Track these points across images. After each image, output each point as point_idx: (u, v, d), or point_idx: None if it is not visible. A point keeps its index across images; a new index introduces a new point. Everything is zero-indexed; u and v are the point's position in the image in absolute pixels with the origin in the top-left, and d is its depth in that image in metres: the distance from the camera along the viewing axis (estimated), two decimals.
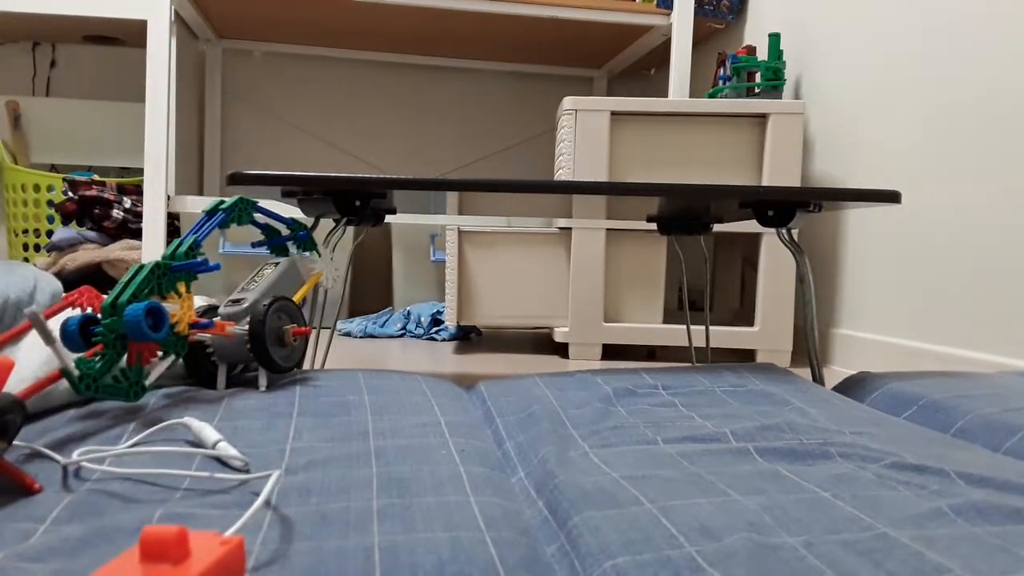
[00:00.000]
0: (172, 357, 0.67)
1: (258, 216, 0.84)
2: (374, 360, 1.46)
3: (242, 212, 0.81)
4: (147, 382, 0.64)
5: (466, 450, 0.56)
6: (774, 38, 1.62)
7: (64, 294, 0.79)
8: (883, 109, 1.42)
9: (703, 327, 1.45)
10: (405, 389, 0.72)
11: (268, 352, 0.72)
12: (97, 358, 0.59)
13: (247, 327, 0.72)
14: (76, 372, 0.57)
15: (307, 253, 0.87)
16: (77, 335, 0.61)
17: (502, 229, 1.57)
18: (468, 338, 1.81)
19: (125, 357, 0.62)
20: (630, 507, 0.45)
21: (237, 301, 0.77)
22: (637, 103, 1.52)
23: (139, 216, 1.81)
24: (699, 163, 1.54)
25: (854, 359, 1.46)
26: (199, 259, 0.70)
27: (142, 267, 0.66)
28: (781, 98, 1.62)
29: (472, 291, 1.57)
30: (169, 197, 1.74)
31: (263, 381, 0.72)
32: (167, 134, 1.73)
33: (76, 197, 1.83)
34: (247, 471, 0.50)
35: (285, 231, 0.87)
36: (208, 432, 0.53)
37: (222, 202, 0.79)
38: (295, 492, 0.46)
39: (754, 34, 1.93)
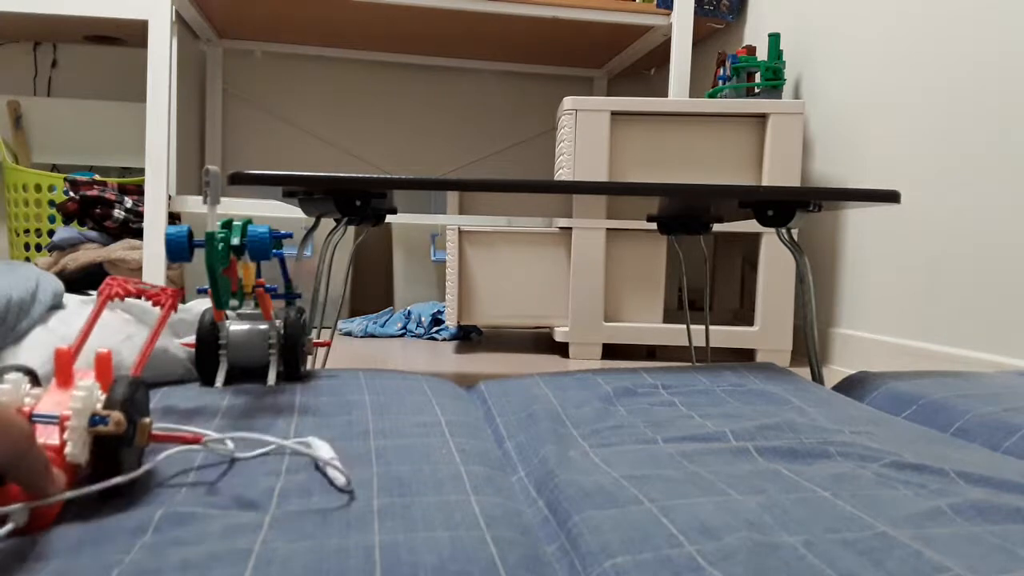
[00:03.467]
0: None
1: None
2: (375, 360, 1.46)
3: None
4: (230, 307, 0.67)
5: (466, 450, 0.56)
6: (774, 38, 1.62)
7: (65, 293, 0.79)
8: (883, 109, 1.42)
9: (703, 327, 1.45)
10: (406, 389, 0.72)
11: (298, 356, 0.74)
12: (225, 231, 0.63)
13: (281, 325, 0.73)
14: (218, 235, 0.61)
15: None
16: (185, 242, 0.63)
17: (502, 229, 1.57)
18: (468, 338, 1.81)
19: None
20: (630, 506, 0.45)
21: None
22: (637, 103, 1.52)
23: (140, 216, 1.81)
24: (699, 163, 1.54)
25: (854, 359, 1.46)
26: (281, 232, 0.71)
27: (233, 222, 0.68)
28: (781, 98, 1.62)
29: (472, 291, 1.57)
30: (170, 197, 1.74)
31: (272, 378, 0.72)
32: (168, 134, 1.73)
33: (77, 197, 1.83)
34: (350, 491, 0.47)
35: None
36: (325, 451, 0.51)
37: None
38: (296, 491, 0.46)
39: (754, 34, 1.93)
